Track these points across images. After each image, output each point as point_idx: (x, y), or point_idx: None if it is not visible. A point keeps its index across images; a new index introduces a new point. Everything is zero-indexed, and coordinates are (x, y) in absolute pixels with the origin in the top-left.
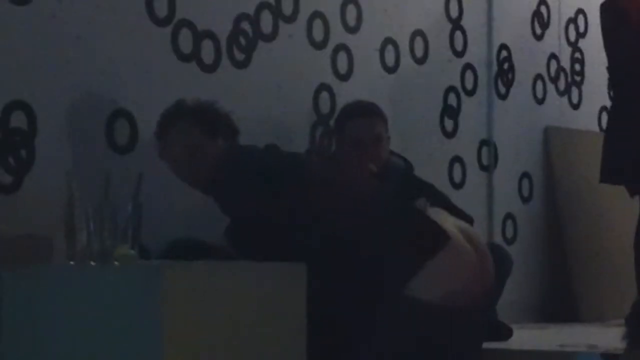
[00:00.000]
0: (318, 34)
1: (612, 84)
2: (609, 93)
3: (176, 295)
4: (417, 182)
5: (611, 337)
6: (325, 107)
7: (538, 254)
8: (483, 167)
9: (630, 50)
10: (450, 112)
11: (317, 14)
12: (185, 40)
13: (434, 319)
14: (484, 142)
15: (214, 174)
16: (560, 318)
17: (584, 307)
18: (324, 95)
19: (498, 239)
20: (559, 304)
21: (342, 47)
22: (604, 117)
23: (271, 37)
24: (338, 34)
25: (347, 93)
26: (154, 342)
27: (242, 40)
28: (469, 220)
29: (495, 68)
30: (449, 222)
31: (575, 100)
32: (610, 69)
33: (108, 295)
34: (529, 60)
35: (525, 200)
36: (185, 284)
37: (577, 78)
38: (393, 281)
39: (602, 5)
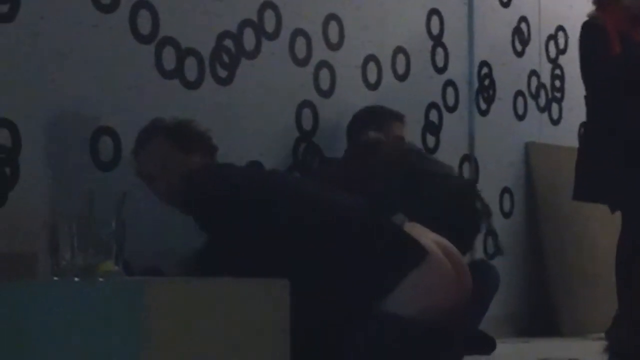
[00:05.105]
0: (300, 51)
1: (589, 101)
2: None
3: (160, 311)
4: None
5: (592, 350)
6: (307, 123)
7: (519, 269)
8: None
9: (610, 68)
10: (431, 128)
11: (299, 32)
12: (169, 58)
13: (412, 335)
14: (465, 158)
15: (190, 192)
16: (542, 332)
17: (565, 321)
18: (307, 111)
19: (479, 254)
20: (541, 318)
21: (324, 64)
22: None
23: (254, 55)
24: (320, 51)
25: (329, 109)
26: (138, 358)
27: (225, 58)
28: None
29: (476, 84)
30: (426, 237)
31: (555, 116)
32: (587, 86)
33: (92, 311)
34: (510, 76)
35: (507, 215)
36: (169, 299)
37: (557, 94)
38: (371, 296)
39: (585, 24)
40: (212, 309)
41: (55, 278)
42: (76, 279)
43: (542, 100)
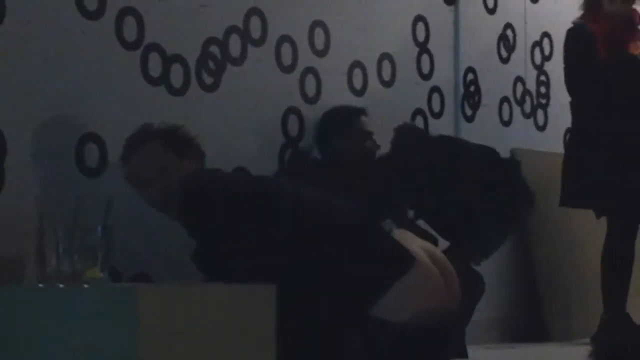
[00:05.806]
0: (286, 57)
1: (574, 107)
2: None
3: (149, 317)
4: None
5: (581, 356)
6: (293, 130)
7: (507, 274)
8: None
9: (597, 73)
10: None
11: (285, 38)
12: (154, 64)
13: (401, 340)
14: None
15: (180, 197)
16: (530, 338)
17: (553, 326)
18: (292, 118)
19: None
20: (528, 323)
21: (310, 71)
22: None
23: (240, 61)
24: (306, 58)
25: (315, 116)
26: None
27: (211, 64)
28: (433, 241)
29: (461, 91)
30: (414, 244)
31: (540, 122)
32: (571, 92)
33: (79, 318)
34: (495, 83)
35: None
36: (159, 306)
37: (543, 101)
38: (360, 303)
39: (570, 30)
40: (201, 314)
41: (41, 285)
42: (61, 285)
43: (528, 107)
